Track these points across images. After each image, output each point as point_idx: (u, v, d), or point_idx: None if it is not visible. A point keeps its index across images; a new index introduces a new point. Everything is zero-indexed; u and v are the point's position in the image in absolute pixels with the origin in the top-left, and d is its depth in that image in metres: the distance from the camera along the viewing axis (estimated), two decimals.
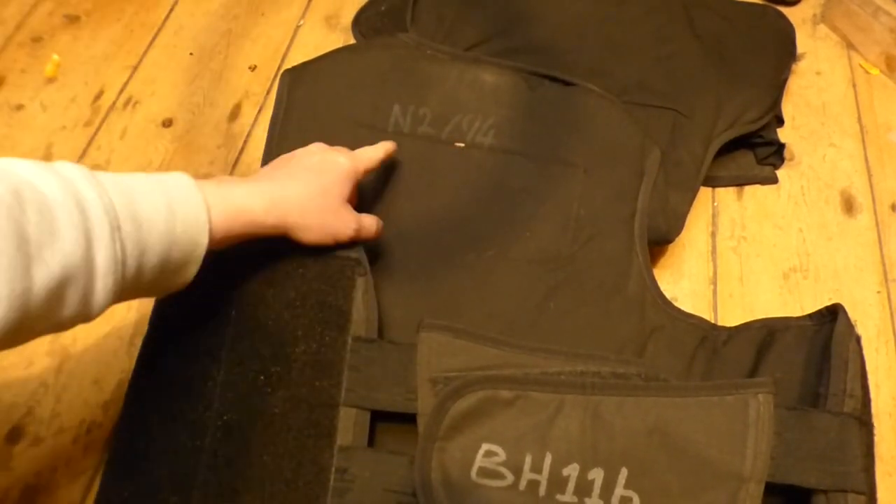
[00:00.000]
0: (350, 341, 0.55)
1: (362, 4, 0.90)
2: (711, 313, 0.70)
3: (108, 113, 0.83)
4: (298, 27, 0.93)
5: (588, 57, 0.80)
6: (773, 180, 0.79)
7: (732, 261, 0.73)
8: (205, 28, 0.92)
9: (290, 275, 0.57)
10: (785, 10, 0.88)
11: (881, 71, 0.88)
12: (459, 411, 0.52)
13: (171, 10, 0.94)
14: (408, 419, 0.54)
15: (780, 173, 0.79)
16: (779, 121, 0.82)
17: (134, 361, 0.58)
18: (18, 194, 0.39)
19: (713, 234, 0.75)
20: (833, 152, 0.81)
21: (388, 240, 0.65)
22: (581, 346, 0.59)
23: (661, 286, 0.65)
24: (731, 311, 0.70)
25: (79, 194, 0.41)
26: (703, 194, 0.77)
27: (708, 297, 0.71)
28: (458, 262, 0.65)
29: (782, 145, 0.79)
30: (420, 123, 0.71)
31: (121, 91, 0.85)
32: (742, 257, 0.74)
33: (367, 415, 0.54)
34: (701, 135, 0.74)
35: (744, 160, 0.80)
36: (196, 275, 0.49)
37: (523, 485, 0.51)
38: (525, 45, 0.81)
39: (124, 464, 0.55)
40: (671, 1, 0.85)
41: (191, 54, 0.89)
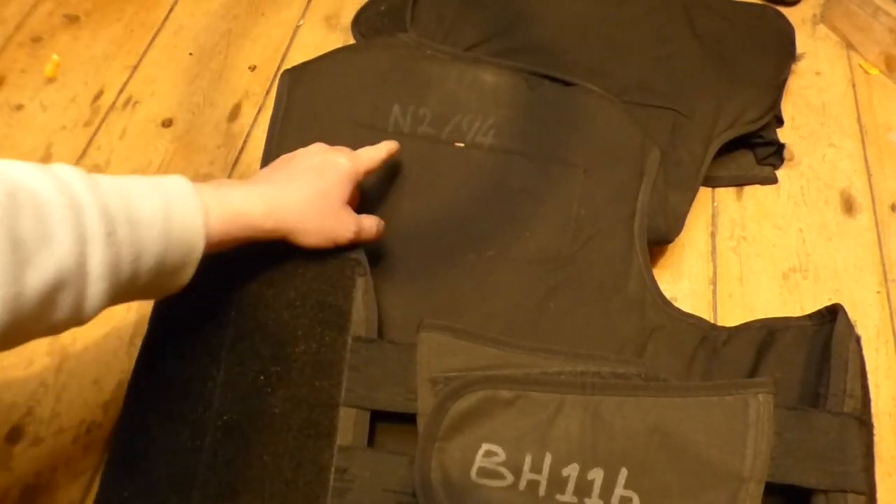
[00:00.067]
0: (350, 341, 0.55)
1: (362, 4, 0.90)
2: (711, 313, 0.70)
3: (108, 113, 0.83)
4: (298, 27, 0.93)
5: (588, 57, 0.80)
6: (773, 180, 0.79)
7: (732, 261, 0.73)
8: (205, 28, 0.92)
9: (290, 275, 0.57)
10: (785, 10, 0.88)
11: (881, 71, 0.88)
12: (459, 411, 0.52)
13: (171, 10, 0.94)
14: (408, 419, 0.54)
15: (780, 173, 0.79)
16: (778, 121, 0.82)
17: (134, 361, 0.59)
18: (13, 197, 0.39)
19: (713, 234, 0.75)
20: (833, 152, 0.81)
21: (388, 240, 0.64)
22: (581, 346, 0.59)
23: (661, 286, 0.65)
24: (731, 311, 0.70)
25: (75, 198, 0.41)
26: (703, 194, 0.77)
27: (708, 297, 0.71)
28: (458, 263, 0.65)
29: (782, 145, 0.79)
30: (420, 123, 0.71)
31: (121, 91, 0.85)
32: (742, 257, 0.74)
33: (367, 415, 0.54)
34: (701, 135, 0.74)
35: (744, 160, 0.80)
36: (195, 275, 0.49)
37: (523, 485, 0.51)
38: (525, 45, 0.81)
39: (124, 464, 0.55)
40: (671, 1, 0.85)
41: (191, 54, 0.89)
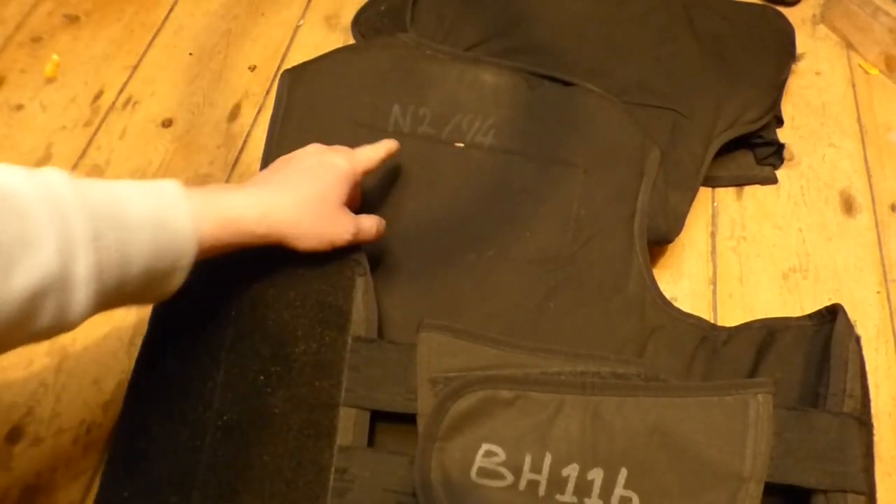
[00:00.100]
0: (350, 341, 0.55)
1: (362, 4, 0.90)
2: (711, 313, 0.70)
3: (108, 113, 0.83)
4: (298, 27, 0.93)
5: (588, 57, 0.80)
6: (773, 180, 0.79)
7: (732, 261, 0.73)
8: (205, 28, 0.92)
9: (290, 275, 0.57)
10: (785, 10, 0.88)
11: (881, 71, 0.88)
12: (459, 411, 0.52)
13: (171, 10, 0.94)
14: (408, 419, 0.54)
15: (780, 173, 0.79)
16: (778, 121, 0.82)
17: (134, 362, 0.59)
18: None
19: (713, 234, 0.75)
20: (833, 152, 0.81)
21: (388, 240, 0.64)
22: (581, 346, 0.59)
23: (661, 286, 0.65)
24: (731, 311, 0.70)
25: (59, 202, 0.41)
26: (703, 194, 0.77)
27: (708, 297, 0.71)
28: (458, 262, 0.65)
29: (782, 145, 0.79)
30: (420, 123, 0.71)
31: (120, 91, 0.85)
32: (742, 257, 0.74)
33: (367, 415, 0.54)
34: (701, 135, 0.74)
35: (744, 160, 0.80)
36: (195, 276, 0.49)
37: (523, 485, 0.51)
38: (525, 45, 0.81)
39: (124, 464, 0.55)
40: (671, 1, 0.85)
41: (190, 54, 0.89)
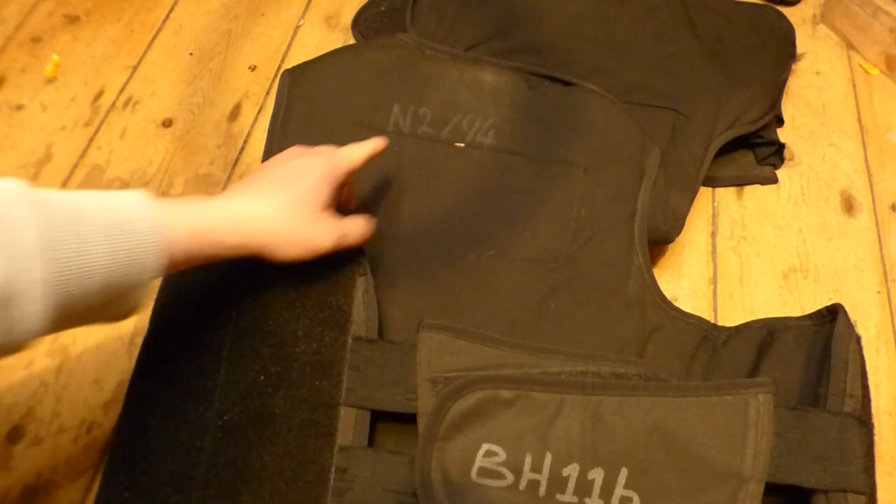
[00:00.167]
0: (350, 341, 0.55)
1: (362, 4, 0.90)
2: (711, 313, 0.70)
3: (108, 113, 0.83)
4: (298, 27, 0.93)
5: (588, 57, 0.80)
6: (773, 180, 0.79)
7: (732, 261, 0.73)
8: (205, 28, 0.92)
9: (291, 274, 0.57)
10: (785, 10, 0.88)
11: (881, 71, 0.88)
12: (459, 411, 0.52)
13: (171, 10, 0.94)
14: (408, 419, 0.54)
15: (780, 173, 0.79)
16: (779, 121, 0.82)
17: (134, 361, 0.59)
18: None
19: (713, 234, 0.75)
20: (833, 152, 0.81)
21: (389, 240, 0.65)
22: (581, 346, 0.59)
23: (661, 286, 0.65)
24: (731, 311, 0.70)
25: (7, 211, 0.39)
26: (703, 194, 0.77)
27: (708, 297, 0.71)
28: (459, 262, 0.65)
29: (782, 145, 0.79)
30: (420, 123, 0.71)
31: (121, 91, 0.85)
32: (742, 257, 0.74)
33: (367, 415, 0.54)
34: (701, 135, 0.74)
35: (744, 160, 0.80)
36: (195, 276, 0.49)
37: (523, 485, 0.51)
38: (525, 45, 0.81)
39: (124, 464, 0.55)
40: (671, 1, 0.85)
41: (191, 54, 0.89)
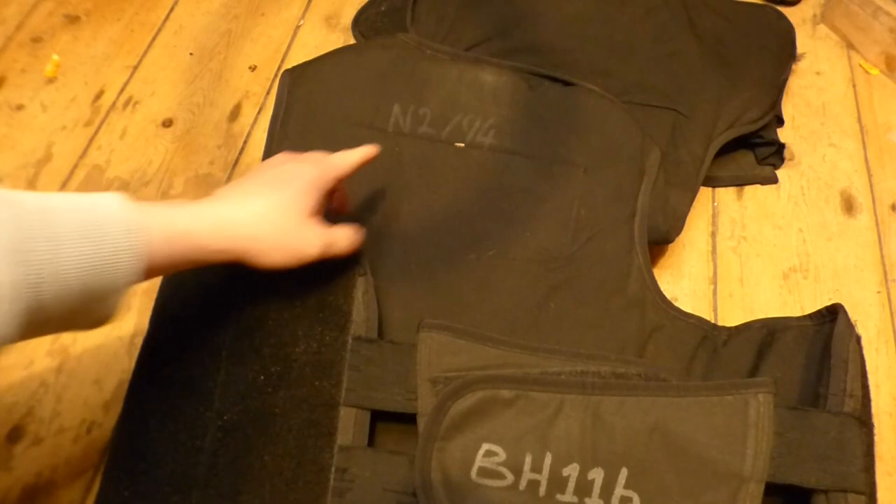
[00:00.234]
0: (350, 341, 0.55)
1: (362, 4, 0.90)
2: (711, 313, 0.70)
3: (108, 113, 0.83)
4: (298, 27, 0.93)
5: (588, 57, 0.80)
6: (773, 180, 0.79)
7: (732, 261, 0.73)
8: (205, 28, 0.92)
9: (290, 274, 0.57)
10: (785, 10, 0.88)
11: (881, 71, 0.88)
12: (459, 411, 0.52)
13: (171, 10, 0.94)
14: (408, 419, 0.54)
15: (780, 173, 0.79)
16: (779, 121, 0.82)
17: (134, 361, 0.59)
18: None
19: (713, 234, 0.75)
20: (833, 152, 0.81)
21: (389, 240, 0.65)
22: (581, 346, 0.59)
23: (661, 286, 0.65)
24: (731, 311, 0.70)
25: None
26: (703, 194, 0.77)
27: (708, 297, 0.71)
28: (459, 262, 0.65)
29: (782, 145, 0.79)
30: (420, 123, 0.71)
31: (121, 91, 0.85)
32: (742, 257, 0.74)
33: (367, 415, 0.54)
34: (701, 135, 0.74)
35: (744, 160, 0.80)
36: (195, 276, 0.49)
37: (523, 485, 0.51)
38: (525, 45, 0.81)
39: (124, 464, 0.55)
40: (671, 1, 0.85)
41: (191, 54, 0.89)
